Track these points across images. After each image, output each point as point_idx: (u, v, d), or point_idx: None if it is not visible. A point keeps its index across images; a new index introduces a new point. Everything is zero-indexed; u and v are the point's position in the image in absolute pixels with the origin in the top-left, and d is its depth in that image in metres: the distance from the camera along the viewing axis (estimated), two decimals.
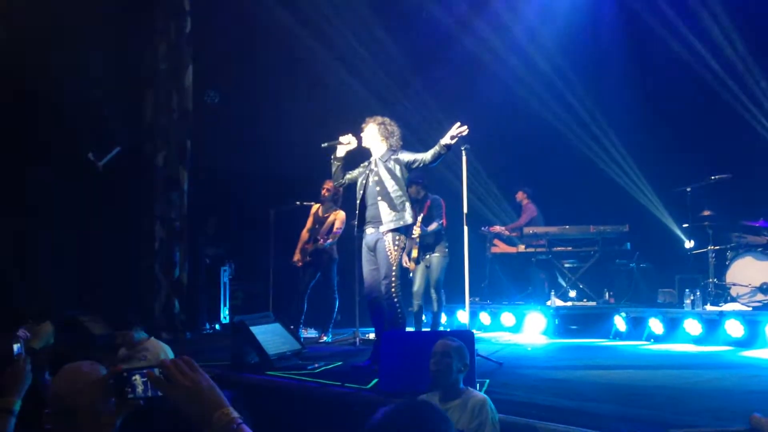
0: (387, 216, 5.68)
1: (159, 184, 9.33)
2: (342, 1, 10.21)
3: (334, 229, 7.99)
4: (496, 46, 10.55)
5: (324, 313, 8.21)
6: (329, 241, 7.92)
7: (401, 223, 5.67)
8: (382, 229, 5.68)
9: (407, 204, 5.75)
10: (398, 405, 1.47)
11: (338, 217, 8.06)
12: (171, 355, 5.21)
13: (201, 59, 9.61)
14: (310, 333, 8.47)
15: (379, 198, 5.72)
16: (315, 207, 8.32)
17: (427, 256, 7.58)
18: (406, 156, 5.78)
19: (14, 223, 9.03)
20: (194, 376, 1.39)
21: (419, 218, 7.40)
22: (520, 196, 10.27)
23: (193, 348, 8.01)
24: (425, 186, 7.76)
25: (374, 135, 5.90)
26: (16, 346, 2.79)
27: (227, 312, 9.95)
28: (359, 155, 6.06)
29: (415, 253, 7.24)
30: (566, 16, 10.36)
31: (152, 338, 5.38)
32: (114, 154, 8.82)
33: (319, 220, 8.16)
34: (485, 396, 3.47)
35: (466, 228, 6.24)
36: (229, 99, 10.56)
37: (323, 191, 8.10)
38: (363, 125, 5.97)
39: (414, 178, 7.46)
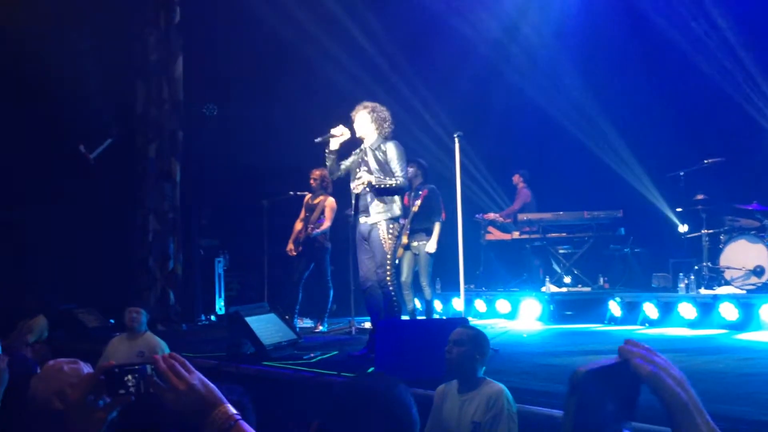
0: (375, 207, 5.67)
1: (151, 175, 9.30)
2: None
3: (325, 217, 7.93)
4: (488, 30, 10.50)
5: (319, 303, 8.20)
6: (316, 231, 7.86)
7: (389, 215, 5.63)
8: (370, 220, 5.68)
9: (396, 196, 5.71)
10: (358, 377, 1.50)
11: (327, 203, 7.98)
12: (167, 350, 5.22)
13: (190, 50, 9.55)
14: (305, 323, 8.46)
15: (368, 189, 5.70)
16: (307, 196, 8.29)
17: (415, 243, 7.57)
18: (390, 156, 5.69)
19: (6, 216, 9.00)
20: (188, 378, 1.36)
21: (417, 203, 7.38)
22: (516, 179, 10.26)
23: (188, 339, 8.01)
24: (424, 173, 7.70)
25: (366, 122, 5.80)
26: None
27: (222, 303, 9.95)
28: (353, 144, 6.01)
29: (405, 239, 7.23)
30: (562, 2, 10.33)
31: (148, 332, 5.40)
32: (105, 146, 8.79)
33: (310, 208, 8.10)
34: (502, 386, 3.27)
35: (460, 216, 6.23)
36: (220, 90, 10.50)
37: (311, 181, 8.06)
38: (353, 113, 5.86)
39: (415, 158, 7.45)
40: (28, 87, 8.97)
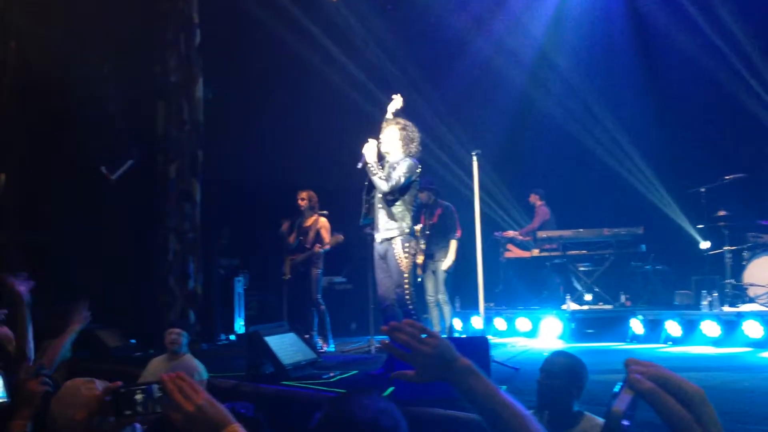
0: (384, 224, 5.58)
1: (172, 195, 9.36)
2: (352, 12, 10.24)
3: (323, 237, 7.86)
4: (507, 50, 10.54)
5: (322, 321, 8.09)
6: (324, 248, 7.78)
7: (399, 232, 5.48)
8: (381, 237, 5.60)
9: (407, 214, 5.53)
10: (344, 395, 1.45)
11: (321, 224, 7.91)
12: (204, 374, 5.19)
13: (212, 72, 9.65)
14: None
15: (380, 205, 5.61)
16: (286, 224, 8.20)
17: (432, 263, 7.56)
18: (399, 168, 5.49)
19: (29, 236, 9.10)
20: (195, 398, 1.35)
21: (429, 223, 7.41)
22: (533, 198, 10.21)
23: (208, 359, 7.98)
24: (436, 192, 7.73)
25: (394, 138, 5.61)
26: None
27: (242, 322, 9.95)
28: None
29: (420, 260, 7.20)
30: (577, 19, 10.35)
31: (188, 354, 5.33)
32: (127, 168, 8.89)
33: (303, 231, 8.02)
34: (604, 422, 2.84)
35: (479, 234, 6.22)
36: (241, 109, 10.60)
37: (299, 202, 8.00)
38: (383, 124, 5.68)
39: (425, 183, 7.43)
40: (50, 109, 9.11)
